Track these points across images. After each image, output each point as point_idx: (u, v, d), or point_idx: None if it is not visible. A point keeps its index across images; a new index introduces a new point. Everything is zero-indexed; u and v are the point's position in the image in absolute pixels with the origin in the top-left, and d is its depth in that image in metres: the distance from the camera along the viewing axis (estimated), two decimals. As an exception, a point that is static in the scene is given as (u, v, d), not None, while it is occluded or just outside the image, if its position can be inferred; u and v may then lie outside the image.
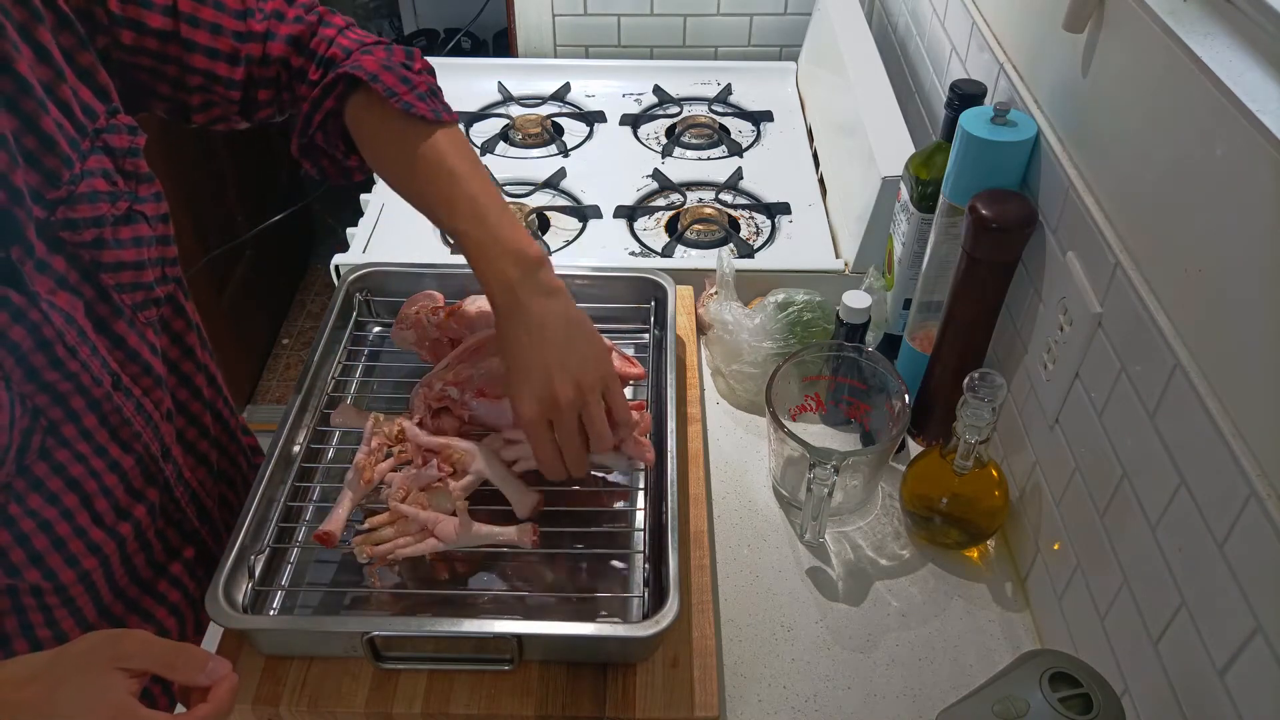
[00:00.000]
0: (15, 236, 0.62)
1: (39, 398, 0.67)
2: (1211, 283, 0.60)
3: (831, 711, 0.79)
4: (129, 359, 0.73)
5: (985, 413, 0.79)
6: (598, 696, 0.75)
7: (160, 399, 0.77)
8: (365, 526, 0.81)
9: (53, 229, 0.65)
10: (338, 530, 0.80)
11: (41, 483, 0.69)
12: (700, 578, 0.82)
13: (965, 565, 0.90)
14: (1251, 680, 0.55)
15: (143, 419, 0.75)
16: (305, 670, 0.76)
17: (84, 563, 0.73)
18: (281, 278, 2.66)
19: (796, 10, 1.60)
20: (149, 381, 0.76)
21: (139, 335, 0.74)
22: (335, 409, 0.91)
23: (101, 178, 0.68)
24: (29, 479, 0.68)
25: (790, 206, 1.29)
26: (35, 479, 0.68)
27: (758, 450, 1.00)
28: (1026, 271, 0.86)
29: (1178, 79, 0.63)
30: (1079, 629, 0.77)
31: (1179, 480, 0.63)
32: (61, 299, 0.66)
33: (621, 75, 1.58)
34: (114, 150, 0.70)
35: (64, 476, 0.70)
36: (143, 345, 0.74)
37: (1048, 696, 0.59)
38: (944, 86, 1.11)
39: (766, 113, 1.50)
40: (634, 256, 1.22)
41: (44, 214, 0.65)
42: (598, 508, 0.89)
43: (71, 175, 0.66)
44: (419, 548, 0.79)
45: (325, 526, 0.80)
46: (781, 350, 1.00)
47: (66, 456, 0.70)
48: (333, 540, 0.79)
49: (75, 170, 0.66)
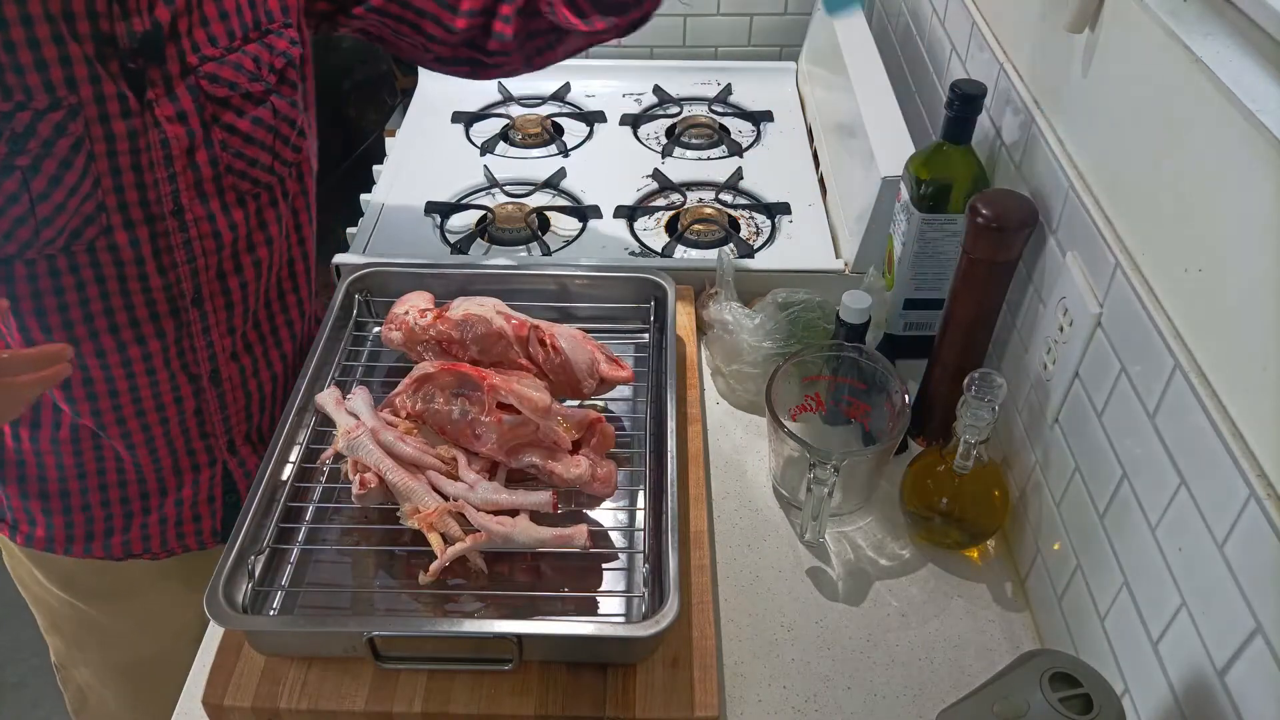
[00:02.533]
0: (159, 60, 0.77)
1: (109, 198, 0.79)
2: (1211, 283, 0.60)
3: (831, 711, 0.79)
4: (200, 201, 0.84)
5: (985, 413, 0.79)
6: (598, 696, 0.75)
7: (210, 251, 0.87)
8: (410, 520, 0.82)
9: (197, 75, 0.80)
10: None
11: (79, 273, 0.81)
12: (700, 578, 0.82)
13: (965, 565, 0.90)
14: (1251, 680, 0.55)
15: (185, 255, 0.85)
16: (305, 670, 0.76)
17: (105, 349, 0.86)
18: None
19: (796, 10, 1.60)
20: (208, 229, 0.85)
21: (219, 190, 0.85)
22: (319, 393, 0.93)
23: (252, 60, 0.84)
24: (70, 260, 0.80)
25: (790, 206, 1.29)
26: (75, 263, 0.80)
27: (758, 450, 1.00)
28: (1026, 271, 0.86)
29: (1178, 79, 0.63)
30: (1079, 629, 0.77)
31: (1179, 480, 0.63)
32: (173, 129, 0.80)
33: (621, 75, 1.57)
34: (273, 48, 0.85)
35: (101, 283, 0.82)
36: (216, 199, 0.85)
37: (1048, 696, 0.59)
38: (944, 86, 1.11)
39: (766, 113, 1.50)
40: (634, 256, 1.22)
41: (196, 61, 0.80)
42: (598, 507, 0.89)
43: (230, 46, 0.82)
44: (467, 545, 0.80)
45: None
46: (781, 350, 1.00)
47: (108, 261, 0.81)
48: None
49: (236, 44, 0.83)
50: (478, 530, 0.80)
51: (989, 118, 0.96)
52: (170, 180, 0.81)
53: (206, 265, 0.87)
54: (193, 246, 0.85)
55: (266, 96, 0.85)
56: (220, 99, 0.82)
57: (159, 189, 0.80)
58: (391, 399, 0.89)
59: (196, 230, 0.84)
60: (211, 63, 0.81)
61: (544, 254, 1.22)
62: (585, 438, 0.88)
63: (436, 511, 0.80)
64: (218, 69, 0.81)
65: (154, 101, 0.78)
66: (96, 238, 0.80)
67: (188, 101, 0.80)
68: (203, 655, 0.81)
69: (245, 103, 0.84)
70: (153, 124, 0.78)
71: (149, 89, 0.78)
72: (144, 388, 0.89)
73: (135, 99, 0.77)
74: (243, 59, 0.83)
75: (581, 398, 0.93)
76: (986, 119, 0.96)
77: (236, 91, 0.83)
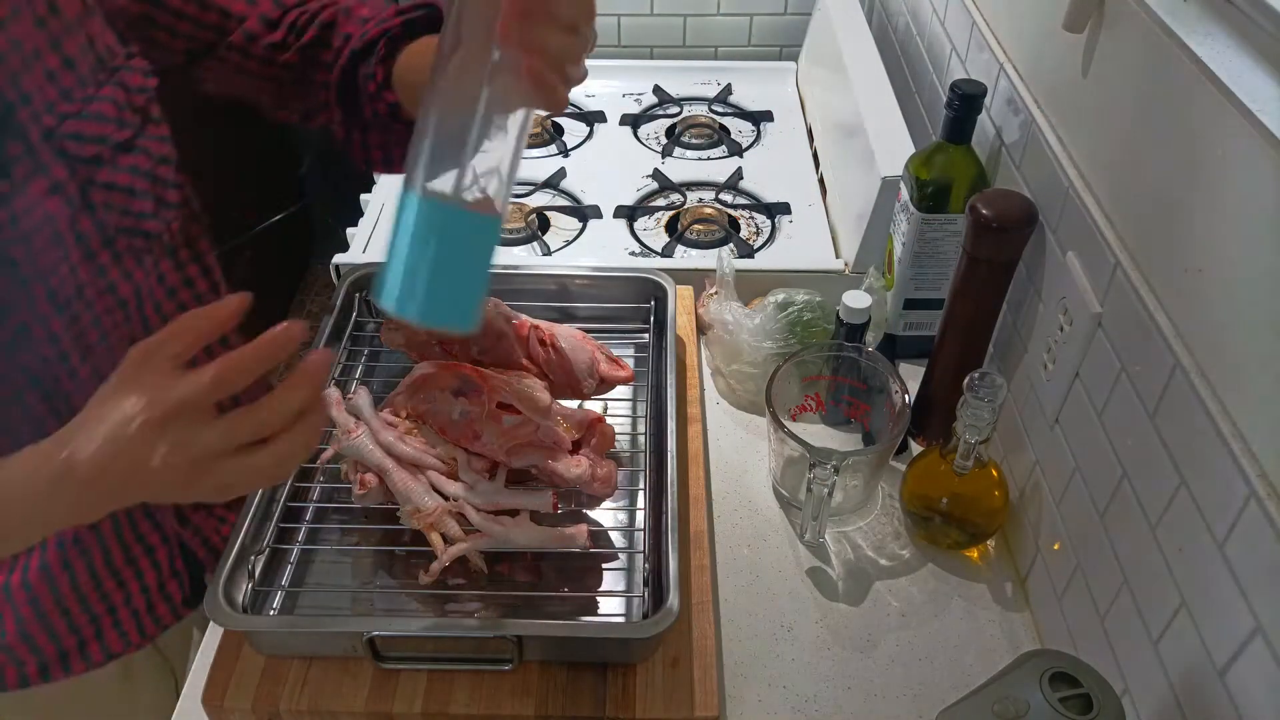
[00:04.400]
0: (13, 130, 0.67)
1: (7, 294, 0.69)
2: (1211, 283, 0.60)
3: (831, 711, 0.79)
4: (98, 274, 0.75)
5: (985, 413, 0.79)
6: (598, 696, 0.75)
7: (121, 323, 0.77)
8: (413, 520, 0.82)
9: (60, 138, 0.70)
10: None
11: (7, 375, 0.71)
12: (700, 578, 0.82)
13: (965, 565, 0.90)
14: (1251, 680, 0.55)
15: (98, 335, 0.76)
16: (305, 670, 0.76)
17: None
18: (281, 278, 2.66)
19: (796, 10, 1.60)
20: (113, 301, 0.76)
21: (114, 256, 0.75)
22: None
23: (111, 104, 0.73)
24: None
25: (790, 206, 1.29)
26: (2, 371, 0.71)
27: (758, 450, 1.00)
28: (1026, 271, 0.86)
29: (1178, 79, 0.63)
30: (1079, 629, 0.77)
31: (1179, 480, 0.63)
32: (52, 203, 0.70)
33: (621, 75, 1.57)
34: (128, 86, 0.75)
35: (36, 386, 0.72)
36: (114, 267, 0.76)
37: (1048, 696, 0.59)
38: (944, 86, 1.11)
39: (766, 113, 1.50)
40: (634, 256, 1.22)
41: (54, 122, 0.69)
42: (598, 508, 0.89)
43: (85, 95, 0.72)
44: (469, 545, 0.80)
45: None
46: (781, 350, 1.00)
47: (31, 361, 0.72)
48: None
49: (90, 92, 0.72)
50: (478, 530, 0.80)
51: (989, 118, 0.96)
52: (65, 259, 0.72)
53: (120, 339, 0.77)
54: (102, 322, 0.76)
55: (135, 141, 0.76)
56: (90, 158, 0.72)
57: (57, 271, 0.71)
58: (391, 399, 0.89)
59: (102, 304, 0.75)
60: (71, 120, 0.70)
61: (544, 254, 1.22)
62: (585, 438, 0.88)
63: (436, 512, 0.80)
64: (79, 125, 0.71)
65: (24, 180, 0.68)
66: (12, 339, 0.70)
67: (60, 170, 0.70)
68: (203, 655, 0.81)
69: (117, 154, 0.74)
70: (33, 204, 0.69)
71: (13, 166, 0.67)
72: None
73: (3, 180, 0.67)
74: (102, 106, 0.72)
75: (581, 398, 0.93)
76: (986, 119, 0.96)
77: (106, 144, 0.73)
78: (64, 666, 0.85)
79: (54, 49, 0.69)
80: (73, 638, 0.84)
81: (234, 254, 2.24)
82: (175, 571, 0.88)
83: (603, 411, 0.92)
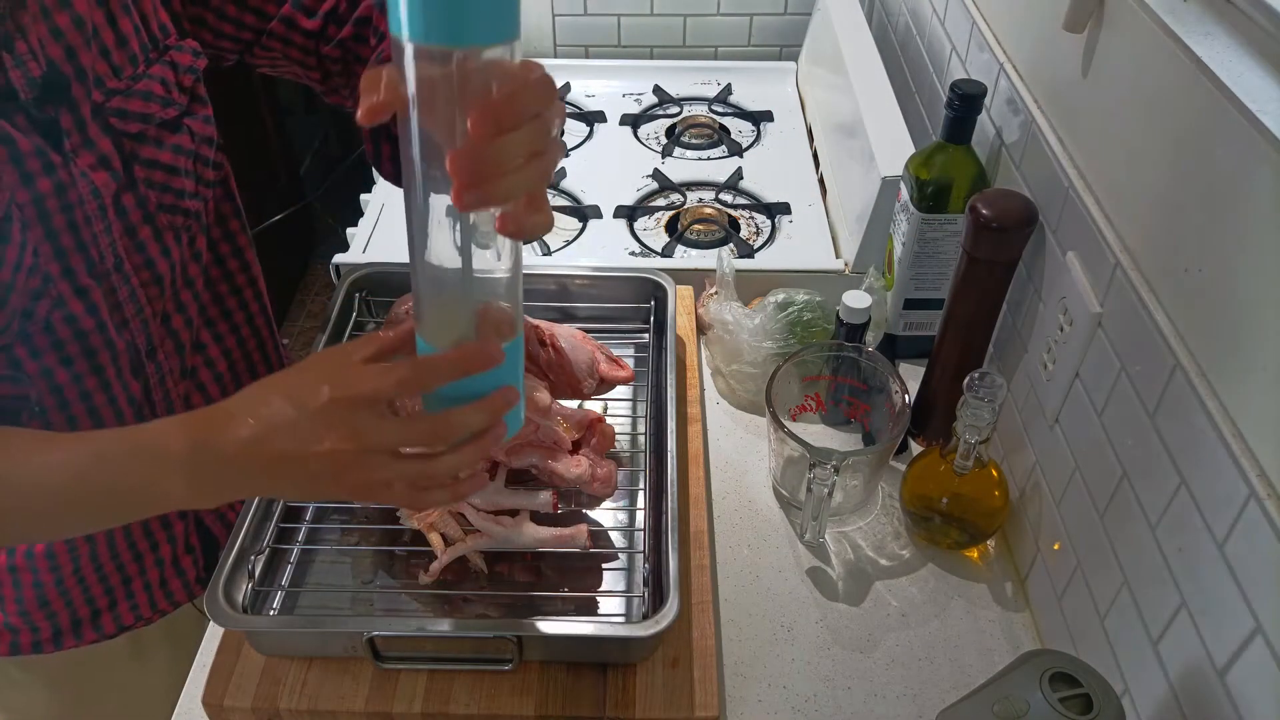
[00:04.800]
0: (68, 103, 0.69)
1: (51, 265, 0.71)
2: (1211, 283, 0.60)
3: (831, 711, 0.79)
4: (135, 249, 0.77)
5: (985, 413, 0.79)
6: (598, 696, 0.75)
7: (155, 297, 0.79)
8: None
9: (106, 113, 0.72)
10: None
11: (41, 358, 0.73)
12: (700, 578, 0.82)
13: (965, 565, 0.90)
14: (1251, 680, 0.55)
15: (134, 308, 0.78)
16: (305, 670, 0.76)
17: (81, 426, 0.77)
18: (281, 277, 2.66)
19: (796, 10, 1.60)
20: (148, 276, 0.78)
21: (154, 232, 0.78)
22: None
23: (159, 84, 0.75)
24: (30, 346, 0.72)
25: (790, 206, 1.29)
26: (35, 347, 0.73)
27: (758, 450, 1.00)
28: (1026, 271, 0.86)
29: (1178, 79, 0.63)
30: (1079, 629, 0.77)
31: (1179, 480, 0.63)
32: (99, 176, 0.72)
33: (621, 75, 1.58)
34: (178, 66, 0.77)
35: (68, 364, 0.75)
36: (154, 243, 0.78)
37: (1048, 696, 0.59)
38: (944, 86, 1.11)
39: (766, 113, 1.50)
40: (634, 256, 1.22)
41: (102, 98, 0.72)
42: (598, 507, 0.89)
43: (134, 73, 0.73)
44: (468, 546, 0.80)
45: None
46: (781, 350, 1.00)
47: (68, 332, 0.73)
48: None
49: (139, 70, 0.74)
50: (478, 530, 0.80)
51: (989, 118, 0.96)
52: (107, 232, 0.74)
53: (154, 313, 0.80)
54: (138, 296, 0.78)
55: (181, 120, 0.78)
56: (135, 134, 0.74)
57: (98, 244, 0.73)
58: None
59: (138, 279, 0.77)
60: (118, 96, 0.72)
61: (544, 254, 1.22)
62: (585, 438, 0.88)
63: (436, 512, 0.80)
64: (125, 102, 0.73)
65: (73, 152, 0.70)
66: (50, 312, 0.72)
67: (106, 144, 0.72)
68: (202, 655, 0.81)
69: (162, 132, 0.76)
70: (80, 175, 0.70)
71: (65, 138, 0.69)
72: None
73: (55, 151, 0.69)
74: (150, 85, 0.74)
75: (581, 398, 0.93)
76: (986, 119, 0.96)
77: (151, 123, 0.75)
78: (75, 634, 0.88)
79: (110, 25, 0.71)
80: (86, 608, 0.87)
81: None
82: (190, 547, 0.91)
83: (603, 411, 0.92)
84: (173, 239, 0.80)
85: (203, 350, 0.88)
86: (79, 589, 0.85)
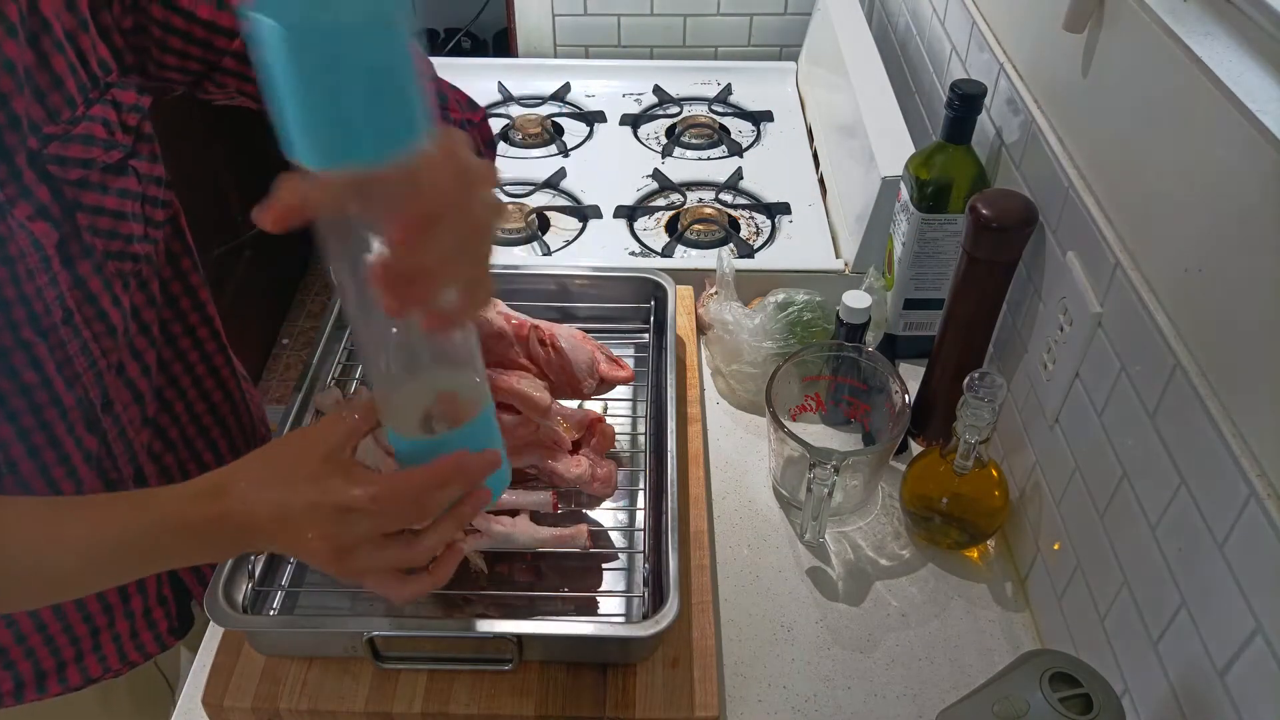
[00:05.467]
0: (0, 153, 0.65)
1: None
2: (1211, 283, 0.60)
3: (831, 711, 0.79)
4: (86, 300, 0.74)
5: (985, 413, 0.79)
6: (598, 696, 0.75)
7: (110, 349, 0.77)
8: None
9: (43, 161, 0.67)
10: None
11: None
12: (700, 578, 0.82)
13: (965, 565, 0.90)
14: (1251, 680, 0.55)
15: (86, 361, 0.74)
16: (305, 670, 0.76)
17: (33, 486, 0.75)
18: (281, 278, 2.66)
19: (796, 10, 1.60)
20: (101, 328, 0.75)
21: (103, 282, 0.74)
22: (319, 392, 0.91)
23: (101, 125, 0.70)
24: None
25: (790, 206, 1.29)
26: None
27: (758, 450, 1.00)
28: (1026, 271, 0.86)
29: (1178, 79, 0.63)
30: (1079, 629, 0.77)
31: (1179, 480, 0.63)
32: (38, 227, 0.68)
33: (621, 75, 1.58)
34: (120, 105, 0.72)
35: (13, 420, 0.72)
36: (105, 293, 0.74)
37: (1048, 696, 0.59)
38: (944, 86, 1.11)
39: (766, 113, 1.50)
40: (634, 256, 1.22)
41: (38, 145, 0.67)
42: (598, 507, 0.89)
43: (72, 116, 0.68)
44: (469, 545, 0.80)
45: None
46: (781, 350, 1.00)
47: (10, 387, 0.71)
48: None
49: (77, 112, 0.69)
50: (478, 530, 0.80)
51: (989, 118, 0.96)
52: (53, 284, 0.69)
53: (108, 365, 0.76)
54: (90, 349, 0.74)
55: (126, 163, 0.73)
56: (76, 181, 0.69)
57: (44, 297, 0.69)
58: None
59: (90, 331, 0.74)
60: (55, 142, 0.67)
61: (544, 254, 1.22)
62: (585, 438, 0.88)
63: None
64: (63, 148, 0.68)
65: (9, 202, 0.65)
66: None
67: (44, 192, 0.67)
68: (202, 655, 0.81)
69: (106, 176, 0.71)
70: (18, 226, 0.66)
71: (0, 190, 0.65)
72: None
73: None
74: (91, 127, 0.69)
75: (581, 398, 0.93)
76: (986, 119, 0.96)
77: (93, 168, 0.70)
78: (39, 688, 0.83)
79: (43, 66, 0.66)
80: (52, 660, 0.83)
81: (234, 255, 2.24)
82: (163, 598, 0.87)
83: (603, 411, 0.92)
84: (122, 286, 0.76)
85: (159, 395, 0.85)
86: (44, 642, 0.82)
